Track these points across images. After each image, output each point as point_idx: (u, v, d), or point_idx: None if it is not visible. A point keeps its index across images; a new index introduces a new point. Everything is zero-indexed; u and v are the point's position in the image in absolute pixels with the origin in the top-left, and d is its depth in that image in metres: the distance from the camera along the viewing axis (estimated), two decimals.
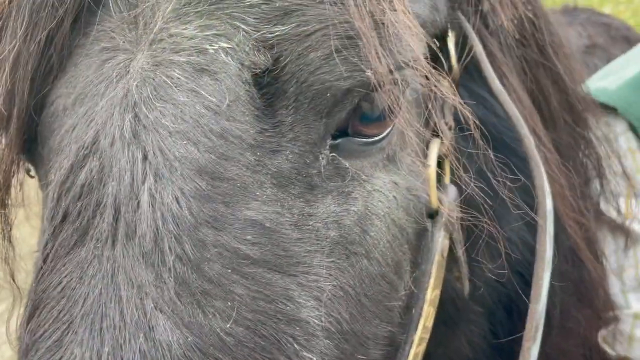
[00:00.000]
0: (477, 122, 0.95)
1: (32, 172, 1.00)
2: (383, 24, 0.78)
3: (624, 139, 1.55)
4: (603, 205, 1.46)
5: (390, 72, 0.79)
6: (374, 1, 0.77)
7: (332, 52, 0.76)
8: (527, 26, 1.18)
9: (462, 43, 1.10)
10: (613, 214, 1.47)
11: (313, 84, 0.78)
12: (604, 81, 1.71)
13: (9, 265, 1.05)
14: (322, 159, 0.82)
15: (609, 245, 1.49)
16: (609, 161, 1.38)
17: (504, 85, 1.11)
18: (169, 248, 0.73)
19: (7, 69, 0.85)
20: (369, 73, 0.77)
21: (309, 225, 0.81)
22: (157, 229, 0.74)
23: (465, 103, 1.01)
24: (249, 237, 0.76)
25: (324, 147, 0.82)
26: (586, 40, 2.82)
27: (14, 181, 0.97)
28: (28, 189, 1.06)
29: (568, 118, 1.27)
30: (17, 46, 0.84)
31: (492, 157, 0.96)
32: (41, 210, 0.93)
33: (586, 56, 2.72)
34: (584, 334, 1.30)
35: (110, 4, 0.83)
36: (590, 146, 1.34)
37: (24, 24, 0.84)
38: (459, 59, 1.09)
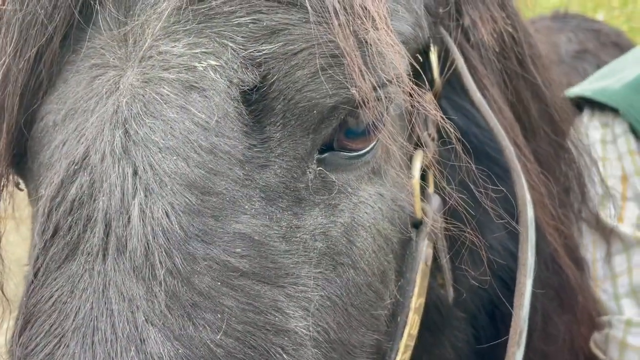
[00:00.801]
0: (459, 133, 0.97)
1: (22, 186, 1.00)
2: (366, 42, 0.80)
3: (623, 140, 1.53)
4: (600, 210, 1.45)
5: (374, 89, 0.81)
6: (358, 20, 0.78)
7: (318, 71, 0.78)
8: (507, 40, 1.20)
9: (445, 57, 1.13)
10: (608, 218, 1.45)
11: (300, 101, 0.80)
12: (604, 81, 1.67)
13: None
14: (310, 173, 0.84)
15: (599, 250, 1.48)
16: (589, 170, 1.40)
17: (485, 97, 1.14)
18: (160, 262, 0.74)
19: None
20: (353, 91, 0.79)
21: (297, 237, 0.83)
22: (147, 243, 0.75)
23: (447, 115, 1.04)
24: (238, 250, 0.78)
25: (311, 162, 0.84)
26: (576, 45, 2.85)
27: (3, 194, 0.97)
28: (19, 199, 1.06)
29: (547, 128, 1.30)
30: (6, 62, 0.85)
31: (474, 167, 0.99)
32: (31, 224, 0.93)
33: (576, 61, 2.75)
34: (565, 338, 1.33)
35: (100, 22, 0.83)
36: (569, 155, 1.37)
37: (14, 40, 0.84)
38: (441, 72, 1.11)
